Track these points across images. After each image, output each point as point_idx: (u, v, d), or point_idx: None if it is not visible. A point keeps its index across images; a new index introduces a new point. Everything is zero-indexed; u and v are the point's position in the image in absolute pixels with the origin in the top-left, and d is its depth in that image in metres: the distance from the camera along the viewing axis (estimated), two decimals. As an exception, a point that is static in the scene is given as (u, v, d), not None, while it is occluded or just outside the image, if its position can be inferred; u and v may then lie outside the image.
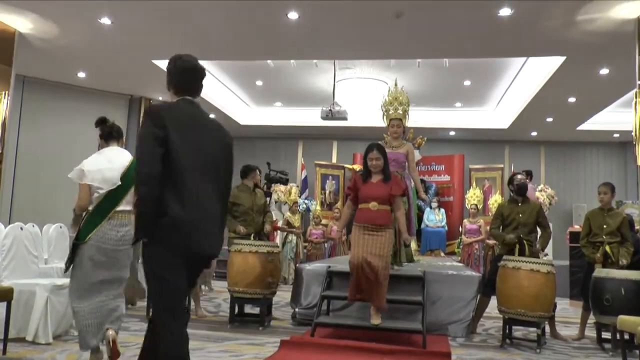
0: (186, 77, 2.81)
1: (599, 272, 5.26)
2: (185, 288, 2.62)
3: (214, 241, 2.64)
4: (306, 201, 11.76)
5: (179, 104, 2.75)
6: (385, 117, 5.96)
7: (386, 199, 4.74)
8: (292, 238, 10.16)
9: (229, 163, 2.81)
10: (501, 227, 5.73)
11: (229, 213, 5.80)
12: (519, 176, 5.85)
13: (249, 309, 6.27)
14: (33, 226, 5.81)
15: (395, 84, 6.11)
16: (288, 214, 10.59)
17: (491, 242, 8.88)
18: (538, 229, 5.72)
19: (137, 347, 4.53)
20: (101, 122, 4.14)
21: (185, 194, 2.49)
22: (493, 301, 5.56)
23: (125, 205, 3.77)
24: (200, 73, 2.87)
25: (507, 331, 5.28)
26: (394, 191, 4.74)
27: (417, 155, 8.06)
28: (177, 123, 2.58)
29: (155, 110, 2.65)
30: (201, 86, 2.88)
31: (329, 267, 5.65)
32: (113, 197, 3.73)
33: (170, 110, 2.67)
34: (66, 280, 4.94)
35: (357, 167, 11.33)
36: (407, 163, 5.89)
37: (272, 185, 7.54)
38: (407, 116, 5.97)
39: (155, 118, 2.57)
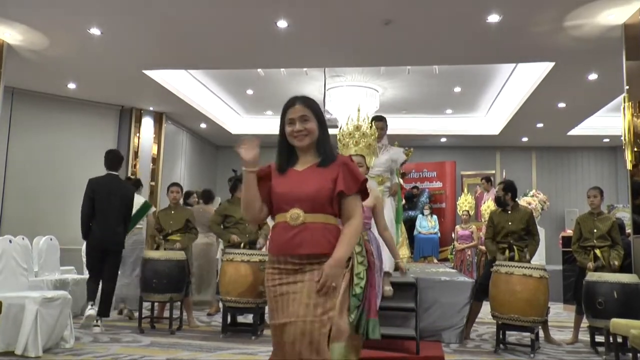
0: (112, 163, 6.05)
1: (591, 275, 5.28)
2: (98, 264, 5.77)
3: (112, 241, 5.78)
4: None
5: (104, 176, 5.96)
6: (341, 152, 4.15)
7: (324, 199, 2.25)
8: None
9: (127, 203, 5.99)
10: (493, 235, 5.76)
11: (220, 225, 6.19)
12: (497, 187, 5.88)
13: (242, 318, 6.25)
14: (23, 239, 5.78)
15: (358, 110, 4.50)
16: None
17: (484, 247, 8.89)
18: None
19: (129, 358, 4.49)
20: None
21: (100, 220, 5.75)
22: (486, 307, 5.56)
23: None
24: (120, 161, 6.18)
25: (500, 336, 5.28)
26: (342, 185, 2.27)
27: (400, 154, 5.78)
28: (100, 187, 5.80)
29: (89, 182, 5.87)
30: (120, 166, 6.17)
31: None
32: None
33: (97, 181, 5.88)
34: (56, 293, 4.92)
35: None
36: (372, 219, 3.89)
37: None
38: (373, 152, 4.37)
39: (89, 186, 5.83)
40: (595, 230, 5.65)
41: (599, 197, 5.78)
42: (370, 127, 4.36)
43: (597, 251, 5.57)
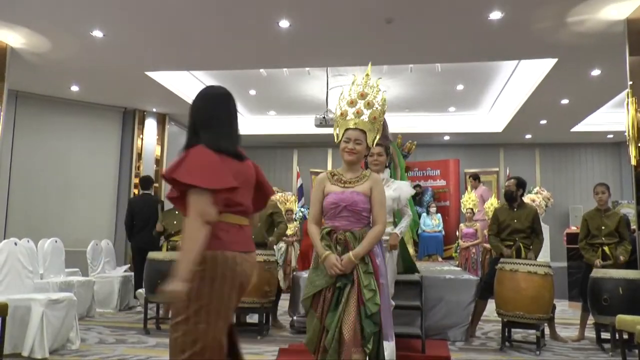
0: (144, 185, 7.67)
1: (597, 272, 5.26)
2: (140, 260, 6.86)
3: (145, 242, 6.96)
4: (302, 209, 11.74)
5: (140, 195, 7.89)
6: (338, 126, 3.27)
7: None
8: (282, 245, 10.12)
9: (155, 215, 6.96)
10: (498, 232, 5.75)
11: None
12: (508, 182, 5.85)
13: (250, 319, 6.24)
14: (28, 241, 5.79)
15: (367, 74, 3.42)
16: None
17: (488, 245, 8.87)
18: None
19: (135, 359, 4.50)
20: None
21: (136, 228, 7.33)
22: (491, 304, 5.55)
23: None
24: (151, 183, 7.80)
25: (506, 334, 5.27)
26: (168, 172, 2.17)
27: (404, 189, 4.48)
28: (135, 204, 7.58)
29: (128, 201, 8.30)
30: (150, 186, 7.81)
31: (326, 274, 5.61)
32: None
33: (133, 199, 8.19)
34: (61, 295, 4.93)
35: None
36: (370, 207, 3.05)
37: None
38: (377, 128, 3.24)
39: (128, 204, 7.94)
40: (603, 227, 5.61)
41: (606, 193, 5.74)
42: (377, 96, 3.32)
43: (605, 248, 5.55)
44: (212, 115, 2.34)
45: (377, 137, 3.27)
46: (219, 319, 2.11)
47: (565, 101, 9.41)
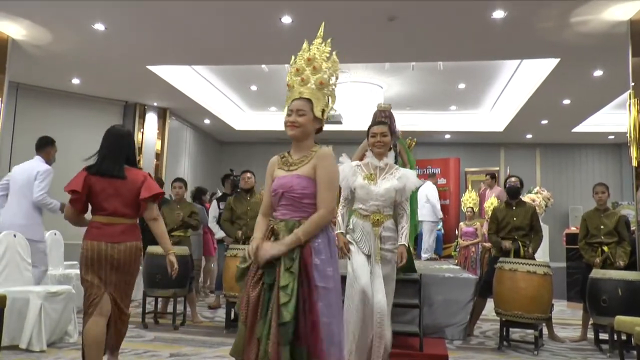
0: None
1: (596, 272, 5.26)
2: None
3: (149, 238, 5.70)
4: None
5: None
6: (287, 100, 2.72)
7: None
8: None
9: None
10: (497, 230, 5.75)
11: (229, 222, 6.34)
12: (512, 179, 5.87)
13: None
14: (27, 233, 5.77)
15: (319, 35, 2.89)
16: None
17: (487, 244, 8.88)
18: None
19: (132, 353, 4.50)
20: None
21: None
22: (490, 303, 5.55)
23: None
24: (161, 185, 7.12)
25: (504, 333, 5.27)
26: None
27: (411, 179, 3.82)
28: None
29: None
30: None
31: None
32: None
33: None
34: (60, 287, 4.93)
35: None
36: (315, 193, 2.49)
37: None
38: (331, 93, 2.71)
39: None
40: (602, 227, 5.62)
41: (606, 193, 5.76)
42: (329, 57, 2.72)
43: (605, 248, 5.55)
44: (102, 148, 3.58)
45: (331, 105, 2.72)
46: (95, 282, 3.37)
47: (566, 101, 9.40)
